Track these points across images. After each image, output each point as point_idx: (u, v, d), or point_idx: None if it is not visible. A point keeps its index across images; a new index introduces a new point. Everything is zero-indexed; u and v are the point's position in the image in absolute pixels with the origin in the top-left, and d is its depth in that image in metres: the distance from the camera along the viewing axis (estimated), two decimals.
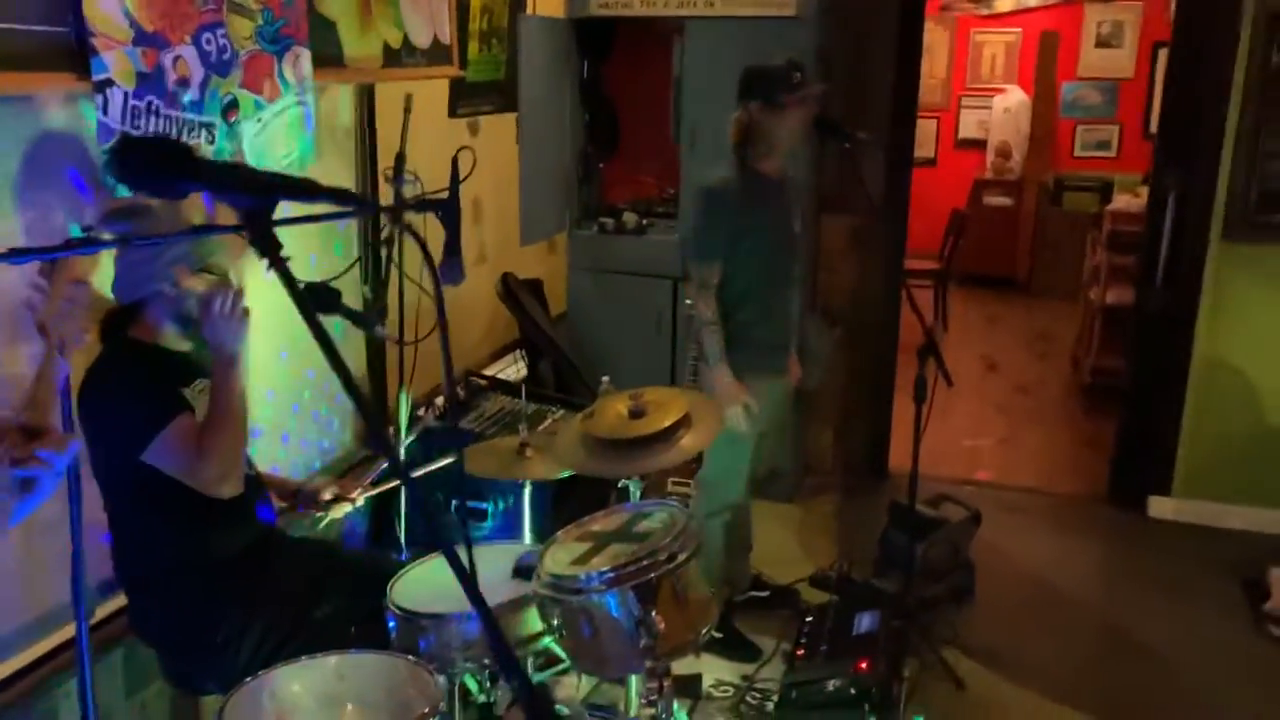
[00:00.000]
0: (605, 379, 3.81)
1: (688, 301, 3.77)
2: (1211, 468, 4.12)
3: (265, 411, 2.77)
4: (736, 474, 3.21)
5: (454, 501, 3.09)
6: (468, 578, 1.05)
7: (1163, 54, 6.59)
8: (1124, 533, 4.15)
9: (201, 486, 2.04)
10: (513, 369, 4.23)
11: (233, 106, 2.36)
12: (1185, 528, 4.13)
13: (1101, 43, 8.48)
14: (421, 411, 3.29)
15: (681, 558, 2.01)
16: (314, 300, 2.17)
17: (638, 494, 2.47)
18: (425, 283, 2.46)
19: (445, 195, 2.14)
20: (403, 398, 2.77)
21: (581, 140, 4.37)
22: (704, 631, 2.07)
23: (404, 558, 2.76)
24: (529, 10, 4.03)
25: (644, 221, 4.33)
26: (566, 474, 2.45)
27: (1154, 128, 7.23)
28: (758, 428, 3.17)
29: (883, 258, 4.38)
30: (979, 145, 8.92)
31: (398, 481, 2.67)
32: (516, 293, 4.09)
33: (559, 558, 2.11)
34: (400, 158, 2.55)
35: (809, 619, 3.25)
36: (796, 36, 3.84)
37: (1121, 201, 6.04)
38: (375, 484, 2.49)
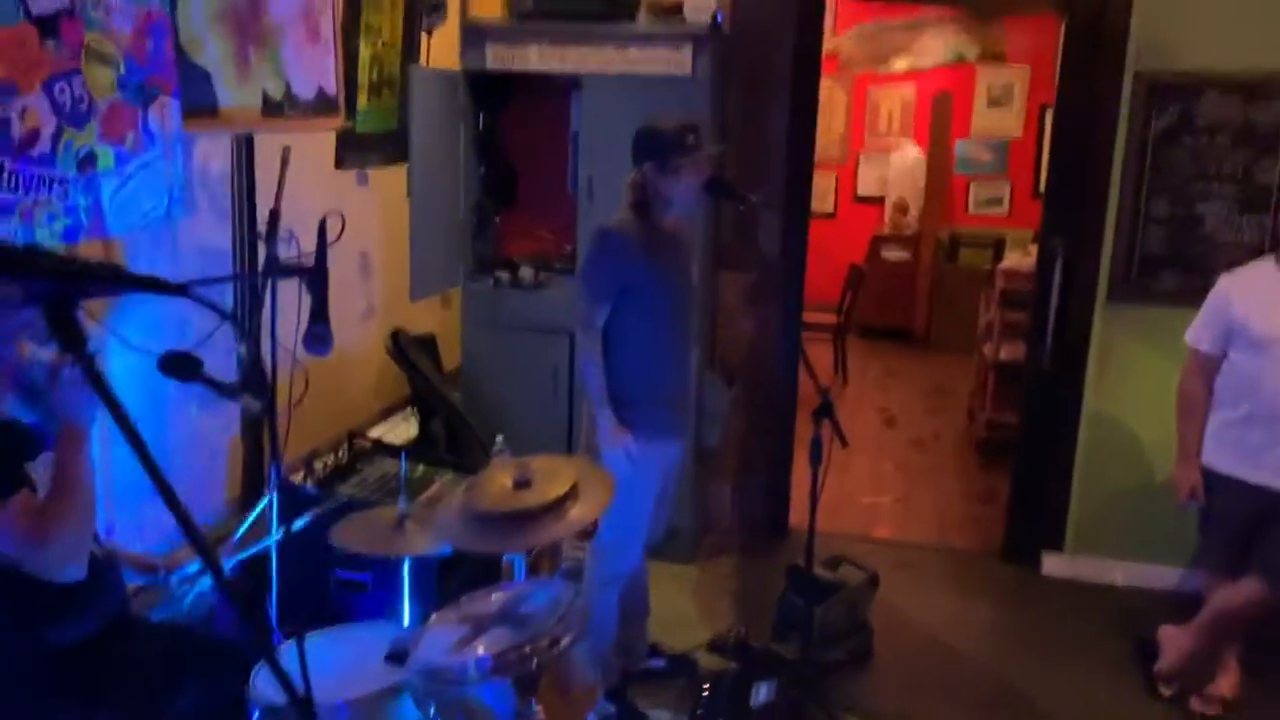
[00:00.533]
0: (500, 438, 3.69)
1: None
2: (1102, 524, 4.18)
3: (126, 481, 2.59)
4: (633, 540, 3.12)
5: (330, 574, 2.93)
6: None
7: (1049, 115, 6.85)
8: (1018, 590, 4.18)
9: (40, 571, 1.87)
10: (403, 428, 4.07)
11: (89, 160, 2.21)
12: (1077, 584, 4.18)
13: (992, 102, 8.78)
14: (299, 475, 3.13)
15: (565, 643, 1.91)
16: (172, 370, 2.03)
17: (524, 570, 2.35)
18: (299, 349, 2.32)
19: (311, 261, 2.02)
20: (270, 462, 2.61)
21: (476, 193, 4.28)
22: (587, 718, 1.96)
23: (275, 639, 2.59)
24: (423, 61, 3.95)
25: (540, 276, 4.25)
26: (442, 549, 2.32)
27: (1043, 186, 7.51)
28: (654, 491, 3.10)
29: (780, 313, 4.38)
30: (877, 200, 9.11)
31: (266, 547, 2.52)
32: (407, 349, 3.96)
33: (435, 643, 1.99)
34: (274, 215, 2.42)
35: (706, 689, 3.16)
36: (693, 95, 3.83)
37: (1013, 259, 6.20)
38: (240, 550, 2.33)
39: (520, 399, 4.16)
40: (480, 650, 1.91)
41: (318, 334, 2.03)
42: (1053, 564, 4.26)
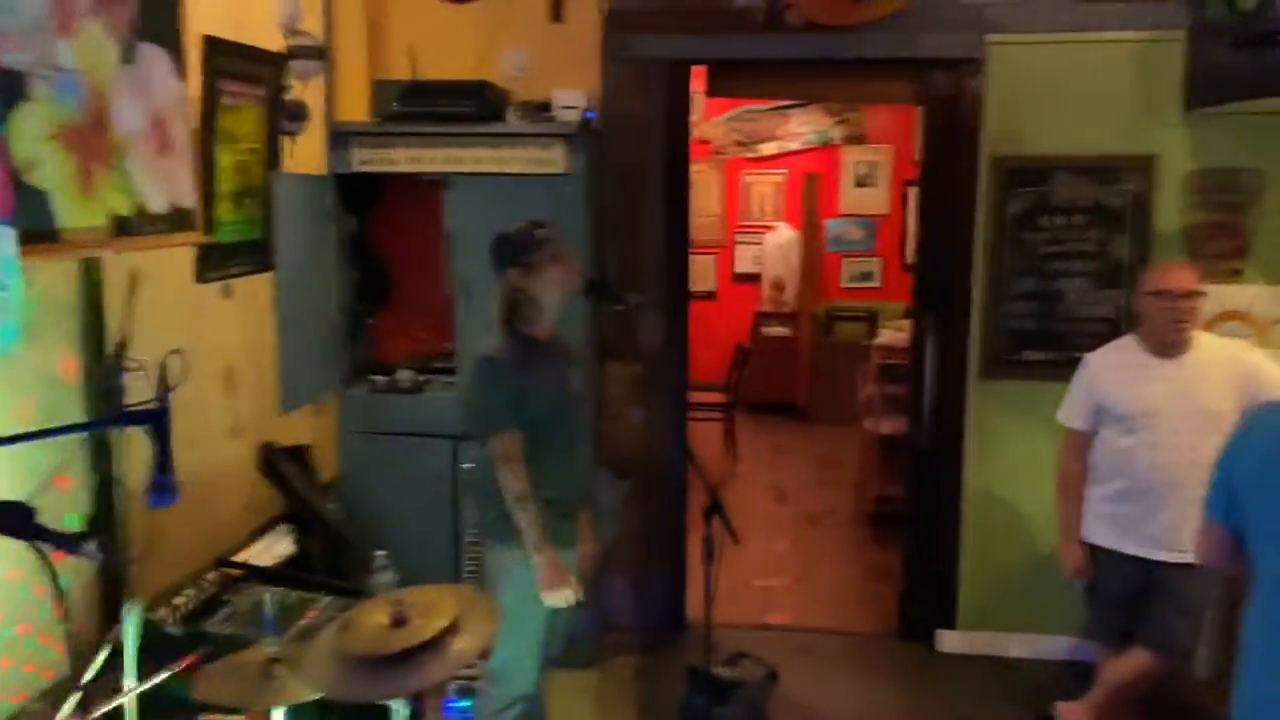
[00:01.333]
0: (380, 554, 3.52)
1: (465, 466, 3.59)
2: (992, 598, 4.23)
3: None
4: (529, 662, 3.00)
5: None
6: None
7: (913, 192, 7.12)
8: (916, 670, 4.17)
9: None
10: (278, 547, 3.85)
11: None
12: (973, 660, 4.20)
13: (859, 182, 9.09)
14: (162, 615, 2.91)
15: None
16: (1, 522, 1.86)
17: (405, 716, 2.21)
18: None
19: (153, 405, 1.88)
20: (130, 614, 2.40)
21: (349, 296, 4.16)
22: None
23: None
24: (286, 167, 3.83)
25: (420, 379, 4.13)
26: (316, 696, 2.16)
27: (910, 259, 7.76)
28: (547, 613, 2.99)
29: (667, 402, 4.35)
30: (755, 279, 9.28)
31: (122, 700, 2.30)
32: (278, 464, 3.77)
33: None
34: (121, 347, 2.27)
35: None
36: (567, 191, 3.83)
37: (887, 335, 6.34)
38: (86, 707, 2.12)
39: (403, 508, 4.00)
40: None
41: (161, 484, 1.89)
42: (948, 641, 4.27)
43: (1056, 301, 4.06)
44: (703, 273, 9.40)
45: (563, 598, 2.88)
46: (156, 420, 1.76)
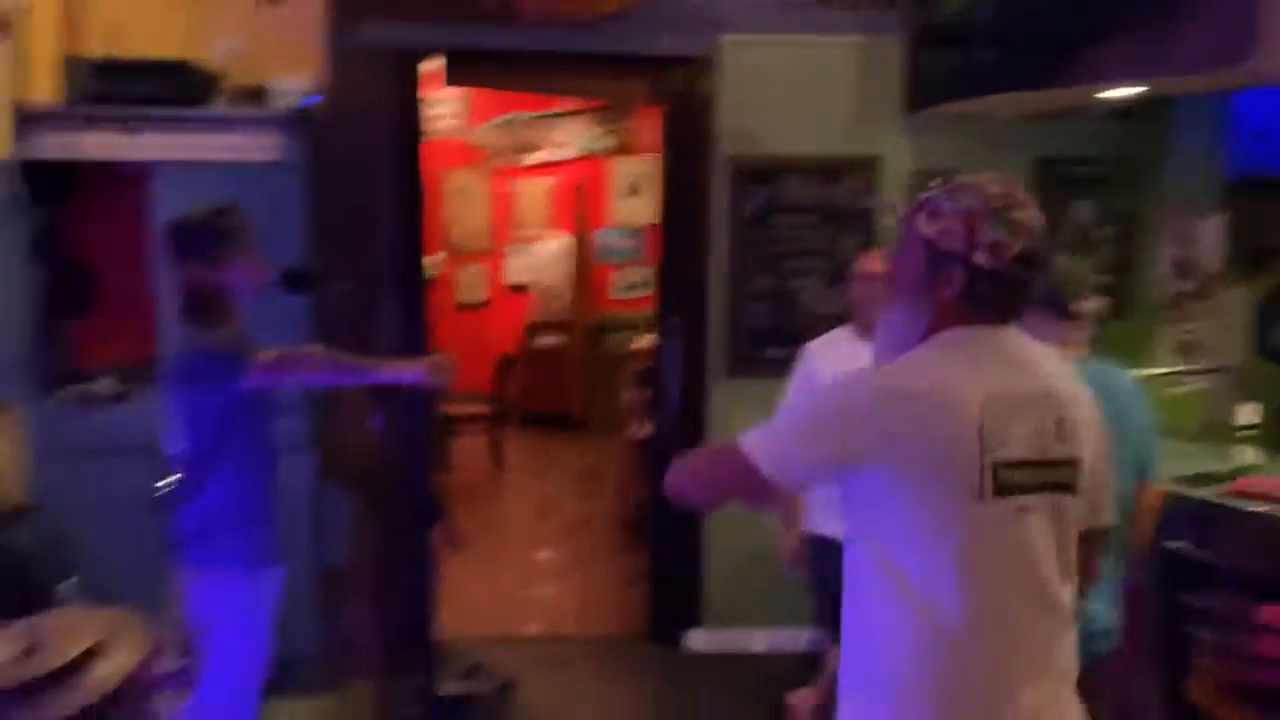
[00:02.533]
0: (70, 581, 3.16)
1: (159, 485, 3.26)
2: (736, 595, 4.25)
3: None
4: (244, 697, 2.74)
5: None
6: None
7: None
8: (664, 670, 4.13)
9: None
10: None
11: None
12: (719, 658, 4.21)
13: (629, 192, 9.14)
14: None
15: None
16: None
17: None
18: None
19: None
20: None
21: (36, 300, 3.72)
22: None
23: None
24: None
25: (123, 388, 3.75)
26: None
27: None
28: (263, 631, 2.74)
29: (409, 410, 4.13)
30: (528, 289, 9.16)
31: None
32: None
33: None
34: None
35: None
36: (283, 183, 3.58)
37: (645, 340, 6.35)
38: None
39: (105, 531, 3.59)
40: None
41: None
42: (695, 639, 4.27)
43: (792, 299, 4.15)
44: (472, 282, 9.22)
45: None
46: None
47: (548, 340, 8.79)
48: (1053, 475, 1.59)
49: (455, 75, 4.30)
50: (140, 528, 3.59)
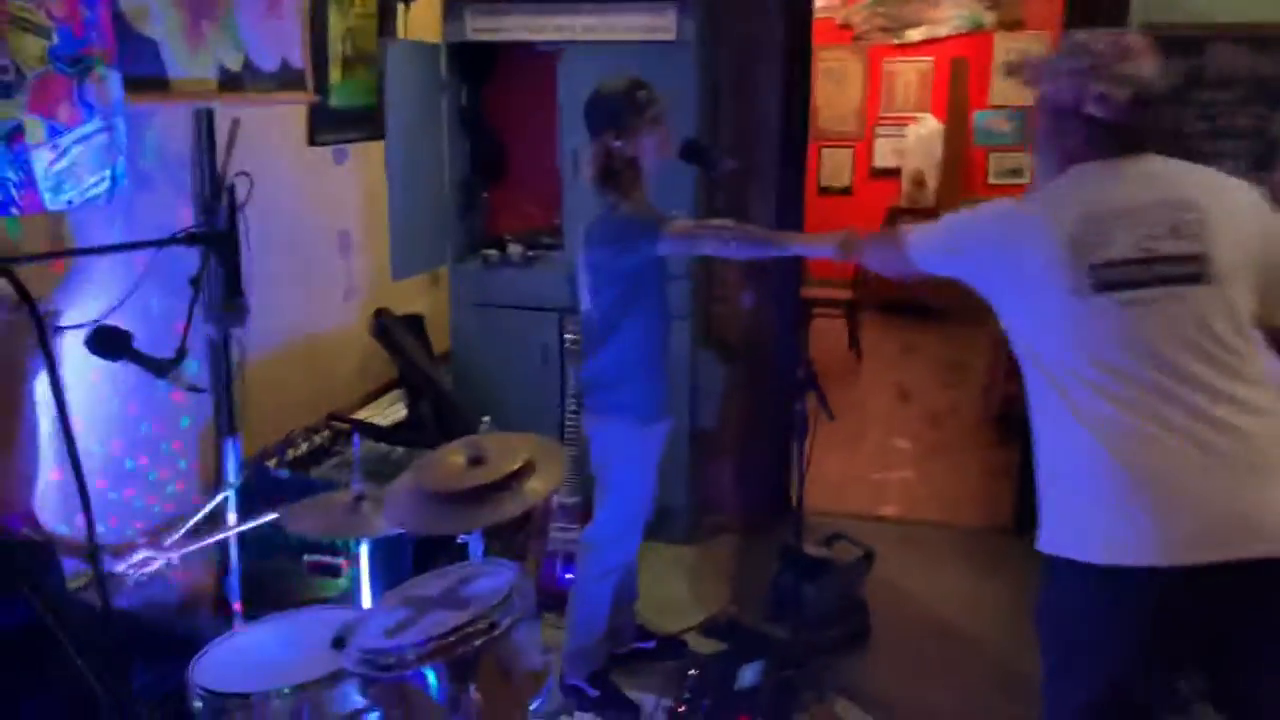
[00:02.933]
0: (486, 419, 3.60)
1: (567, 336, 3.60)
2: None
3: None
4: (633, 529, 3.03)
5: (301, 559, 2.86)
6: None
7: None
8: (1026, 566, 3.99)
9: None
10: (390, 411, 4.00)
11: (17, 132, 2.13)
12: None
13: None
14: (273, 461, 3.06)
15: (504, 626, 1.81)
16: (100, 345, 1.96)
17: (480, 552, 2.26)
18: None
19: (220, 230, 1.92)
20: (230, 446, 2.53)
21: (462, 169, 4.18)
22: (531, 705, 1.87)
23: (236, 627, 2.52)
24: (400, 34, 3.85)
25: (530, 253, 4.15)
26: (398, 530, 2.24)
27: None
28: (652, 475, 3.00)
29: (778, 288, 4.25)
30: (894, 174, 8.92)
31: (225, 535, 2.45)
32: (391, 330, 3.88)
33: (375, 627, 1.90)
34: (218, 185, 2.34)
35: (692, 672, 3.06)
36: (678, 61, 3.71)
37: None
38: (194, 536, 2.26)
39: (511, 379, 4.07)
40: (416, 634, 1.82)
41: (234, 306, 1.94)
42: None
43: None
44: (838, 168, 9.10)
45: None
46: (223, 241, 1.80)
47: None
48: (1167, 270, 1.77)
49: None
50: (542, 376, 4.04)
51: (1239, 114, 3.64)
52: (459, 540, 2.27)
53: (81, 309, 2.17)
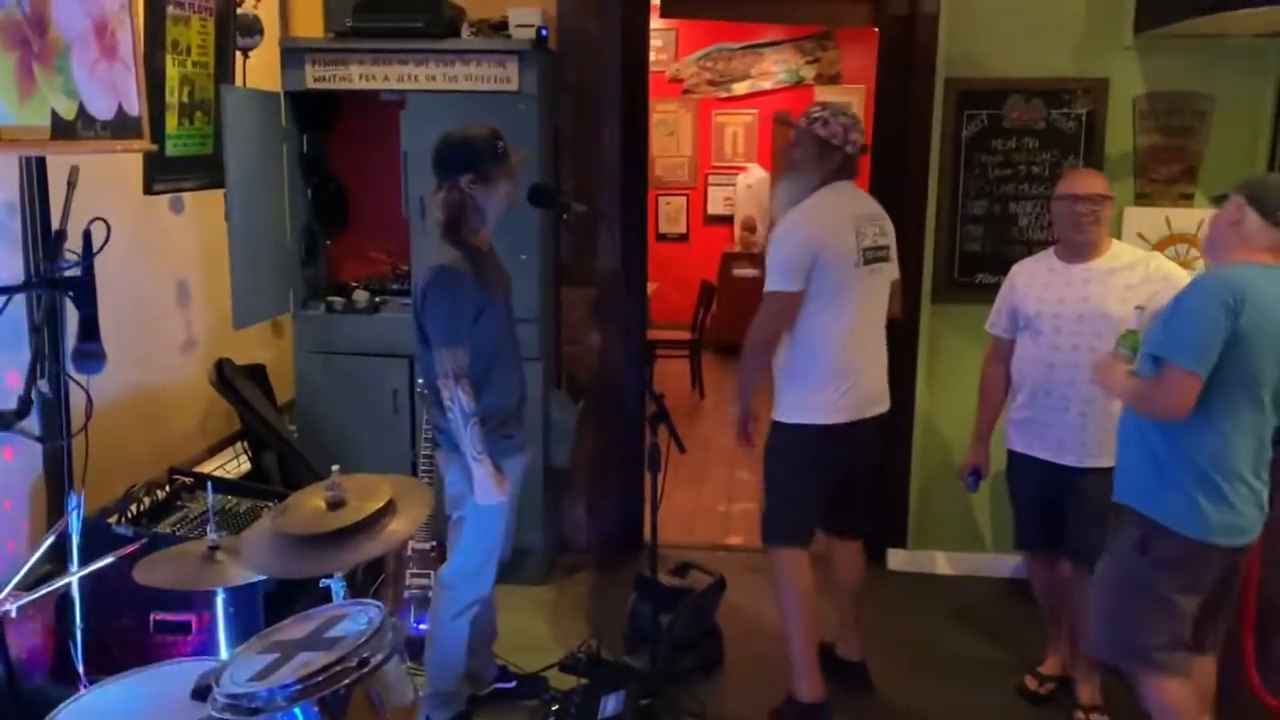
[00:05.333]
0: (336, 468, 3.56)
1: (419, 381, 3.61)
2: (940, 518, 4.31)
3: None
4: (488, 566, 3.04)
5: (148, 615, 2.76)
6: None
7: None
8: (865, 587, 4.24)
9: None
10: (233, 464, 3.90)
11: None
12: (922, 577, 4.29)
13: None
14: (114, 518, 2.94)
15: (375, 661, 1.83)
16: None
17: (341, 594, 2.26)
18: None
19: (76, 272, 1.89)
20: (72, 501, 2.44)
21: (304, 216, 4.15)
22: None
23: (82, 688, 2.41)
24: (239, 82, 3.81)
25: (377, 299, 4.14)
26: (256, 578, 2.21)
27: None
28: (506, 514, 3.03)
29: (624, 327, 4.39)
30: (727, 220, 9.29)
31: (68, 580, 2.35)
32: (233, 380, 3.79)
33: (239, 673, 1.88)
34: (59, 234, 2.28)
35: (554, 707, 3.10)
36: (521, 111, 3.82)
37: None
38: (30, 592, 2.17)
39: (360, 427, 4.03)
40: (285, 676, 1.82)
41: (88, 351, 1.91)
42: (897, 559, 4.36)
43: (1009, 224, 4.10)
44: (674, 215, 9.42)
45: (494, 499, 2.85)
46: (79, 287, 1.77)
47: (745, 271, 8.89)
48: (878, 254, 3.15)
49: (670, 6, 4.42)
50: (393, 423, 4.03)
51: (1035, 160, 4.03)
52: (321, 585, 2.25)
53: None
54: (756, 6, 4.60)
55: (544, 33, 3.91)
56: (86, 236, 1.95)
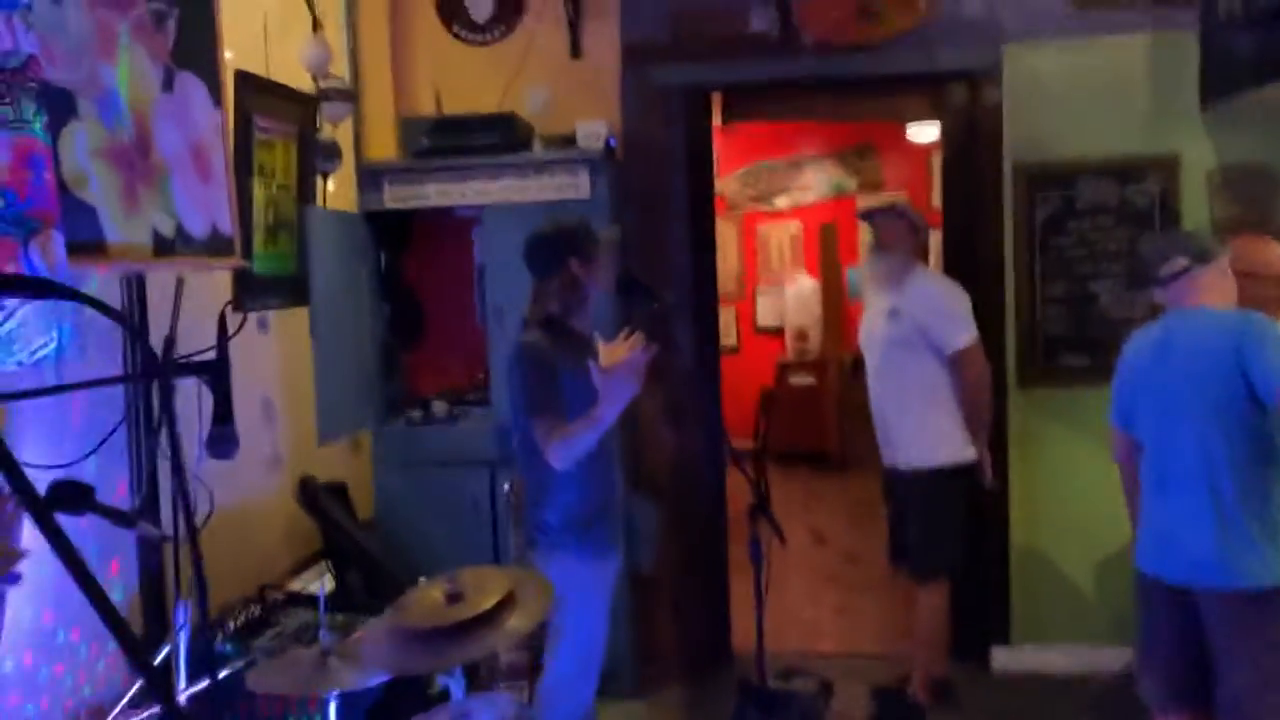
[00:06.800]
0: (423, 580, 3.48)
1: (505, 487, 3.56)
2: (1045, 611, 4.12)
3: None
4: (590, 669, 2.93)
5: None
6: None
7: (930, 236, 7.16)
8: (971, 689, 4.04)
9: None
10: (317, 583, 3.81)
11: None
12: (1032, 677, 4.08)
13: None
14: (210, 633, 2.87)
15: None
16: (59, 502, 1.86)
17: (460, 693, 2.16)
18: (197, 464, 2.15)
19: (210, 356, 1.89)
20: (180, 609, 2.38)
21: (382, 332, 4.19)
22: None
23: None
24: (319, 203, 3.91)
25: (454, 410, 4.13)
26: (371, 681, 2.13)
27: None
28: (606, 612, 2.94)
29: (702, 428, 4.33)
30: (777, 331, 9.29)
31: (181, 696, 2.27)
32: (318, 497, 3.76)
33: None
34: (169, 344, 2.29)
35: None
36: (591, 218, 3.84)
37: None
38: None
39: (442, 538, 3.96)
40: None
41: (222, 435, 1.88)
42: (1002, 657, 4.16)
43: (1089, 305, 4.05)
44: (725, 327, 9.42)
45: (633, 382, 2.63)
46: (215, 369, 1.76)
47: (801, 380, 8.86)
48: None
49: (733, 112, 4.53)
50: (476, 532, 3.96)
51: (1110, 238, 4.00)
52: (438, 686, 2.16)
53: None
54: (817, 107, 4.68)
55: (612, 142, 4.00)
56: (222, 320, 1.95)
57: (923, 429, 3.72)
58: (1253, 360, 2.54)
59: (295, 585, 3.66)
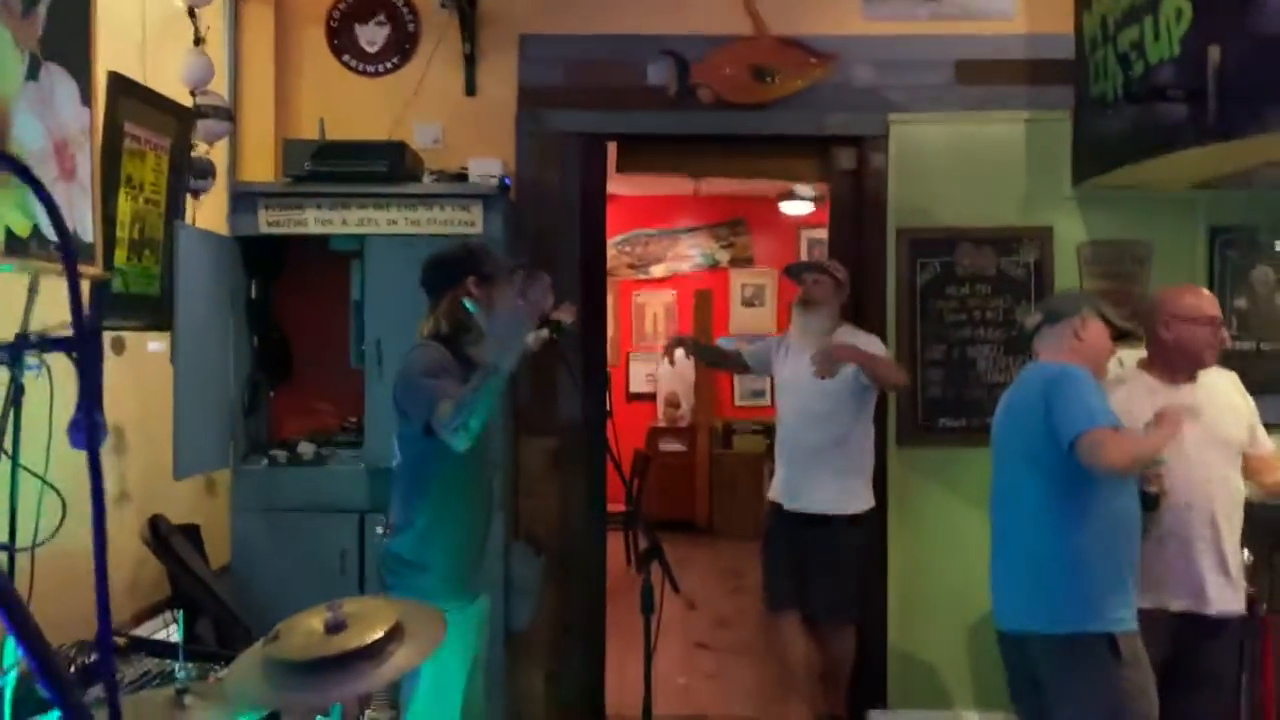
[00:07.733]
0: (275, 629, 3.21)
1: (379, 530, 3.34)
2: (922, 675, 4.11)
3: None
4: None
5: None
6: None
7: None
8: None
9: None
10: (163, 632, 3.48)
11: None
12: None
13: (746, 302, 9.31)
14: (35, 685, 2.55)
15: None
16: None
17: None
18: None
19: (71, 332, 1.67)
20: (8, 651, 2.10)
21: (249, 366, 3.93)
22: None
23: None
24: (188, 221, 3.66)
25: (322, 451, 3.89)
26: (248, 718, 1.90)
27: None
28: (469, 658, 2.75)
29: (584, 482, 4.21)
30: (649, 397, 9.28)
31: None
32: (168, 539, 3.45)
33: None
34: (21, 336, 2.05)
35: None
36: None
37: None
38: None
39: (302, 589, 3.62)
40: None
41: (87, 422, 1.66)
42: None
43: (967, 368, 4.14)
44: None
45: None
46: (85, 346, 1.55)
47: (672, 446, 8.84)
48: None
49: (625, 162, 4.52)
50: (341, 583, 3.70)
51: (987, 305, 4.12)
52: None
53: None
54: (709, 163, 4.72)
55: (507, 181, 3.91)
56: (95, 290, 1.74)
57: (840, 476, 3.78)
58: (1053, 405, 2.64)
59: (139, 633, 3.32)
